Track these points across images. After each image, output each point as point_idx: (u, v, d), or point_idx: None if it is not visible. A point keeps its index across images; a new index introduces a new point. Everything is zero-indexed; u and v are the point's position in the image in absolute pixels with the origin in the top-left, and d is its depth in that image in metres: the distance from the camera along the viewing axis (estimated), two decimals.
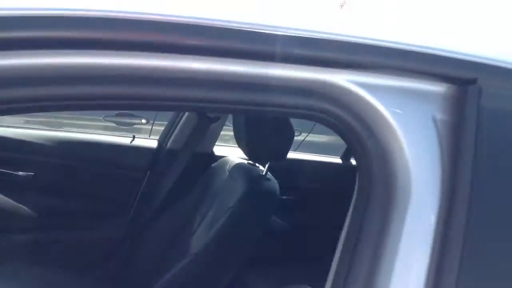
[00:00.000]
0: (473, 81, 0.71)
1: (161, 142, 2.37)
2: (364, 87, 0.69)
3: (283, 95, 0.69)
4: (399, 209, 0.67)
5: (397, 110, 0.70)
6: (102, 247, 2.28)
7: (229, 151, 2.40)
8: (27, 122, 2.98)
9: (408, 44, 0.71)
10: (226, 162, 2.18)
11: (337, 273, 0.68)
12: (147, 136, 2.70)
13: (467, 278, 0.63)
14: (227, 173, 2.09)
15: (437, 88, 0.72)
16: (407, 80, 0.71)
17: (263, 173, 1.96)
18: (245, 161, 2.10)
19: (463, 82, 0.72)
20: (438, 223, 0.66)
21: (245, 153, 1.99)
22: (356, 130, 0.69)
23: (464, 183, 0.67)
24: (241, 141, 2.00)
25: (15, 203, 2.22)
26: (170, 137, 2.33)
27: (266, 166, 1.97)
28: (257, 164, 2.05)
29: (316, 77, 0.68)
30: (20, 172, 2.25)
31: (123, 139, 2.37)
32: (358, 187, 0.72)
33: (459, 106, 0.70)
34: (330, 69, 0.68)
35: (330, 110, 0.69)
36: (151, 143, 2.39)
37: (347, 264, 0.67)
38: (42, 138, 2.31)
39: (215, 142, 2.40)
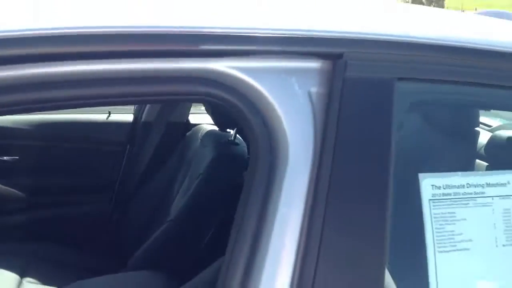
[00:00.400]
0: (339, 56, 0.79)
1: (136, 115, 2.45)
2: (244, 71, 0.78)
3: (176, 85, 0.77)
4: (280, 173, 0.76)
5: (276, 89, 0.78)
6: (91, 220, 2.40)
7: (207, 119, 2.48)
8: None
9: (279, 29, 0.79)
10: (198, 130, 2.27)
11: (234, 225, 0.78)
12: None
13: (330, 230, 0.73)
14: (199, 140, 2.19)
15: (311, 65, 0.80)
16: (283, 61, 0.79)
17: (232, 138, 2.05)
18: (217, 128, 2.18)
19: (331, 57, 0.80)
20: (309, 184, 0.75)
21: (213, 120, 2.09)
22: (242, 109, 0.78)
23: (328, 147, 0.76)
24: (208, 109, 2.10)
25: (3, 186, 2.33)
26: (144, 110, 2.41)
27: (234, 131, 2.05)
28: (228, 130, 2.14)
29: (203, 67, 0.77)
30: (5, 157, 2.36)
31: (100, 116, 2.46)
32: (250, 157, 0.81)
33: (329, 79, 0.79)
34: (214, 59, 0.77)
35: (217, 94, 0.78)
36: (127, 117, 2.48)
37: (240, 218, 0.77)
38: (22, 123, 2.40)
39: (189, 112, 2.48)
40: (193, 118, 2.50)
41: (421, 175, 0.80)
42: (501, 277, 0.82)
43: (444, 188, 0.80)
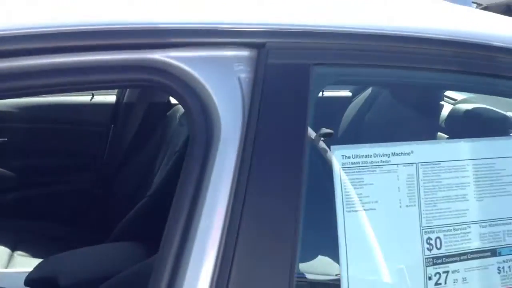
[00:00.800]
0: (263, 45, 0.92)
1: (119, 96, 2.57)
2: (182, 61, 0.90)
3: (124, 73, 0.90)
4: (213, 150, 0.89)
5: (210, 75, 0.91)
6: (79, 197, 2.54)
7: None
8: None
9: (212, 23, 0.91)
10: (178, 110, 2.38)
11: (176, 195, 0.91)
12: None
13: (252, 199, 0.87)
14: (177, 120, 2.31)
15: (240, 53, 0.92)
16: (216, 51, 0.92)
17: None
18: None
19: (256, 46, 0.92)
20: (237, 160, 0.88)
21: None
22: (181, 94, 0.91)
23: (252, 126, 0.88)
24: None
25: None
26: (125, 92, 2.53)
27: None
28: None
29: (147, 57, 0.90)
30: None
31: (84, 98, 2.58)
32: (189, 138, 0.94)
33: (255, 65, 0.91)
34: (156, 50, 0.90)
35: (159, 81, 0.91)
36: (110, 98, 2.59)
37: (178, 187, 0.90)
38: (9, 105, 2.51)
39: None
40: (173, 99, 2.62)
41: (333, 147, 0.93)
42: (404, 232, 0.96)
43: (353, 158, 0.93)
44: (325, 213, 0.94)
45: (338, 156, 0.92)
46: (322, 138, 0.91)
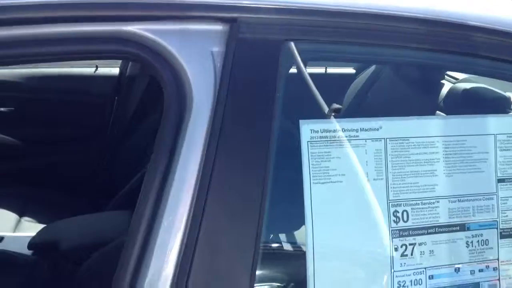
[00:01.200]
0: (235, 20, 0.94)
1: (122, 69, 2.60)
2: (156, 33, 0.93)
3: (102, 44, 0.94)
4: (185, 122, 0.92)
5: (183, 48, 0.93)
6: (82, 167, 2.60)
7: None
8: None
9: None
10: None
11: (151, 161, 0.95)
12: None
13: (220, 171, 0.90)
14: None
15: (212, 27, 0.95)
16: (189, 24, 0.94)
17: None
18: None
19: (228, 21, 0.94)
20: (207, 132, 0.91)
21: None
22: (155, 66, 0.94)
23: (222, 99, 0.91)
24: None
25: (1, 135, 2.53)
26: (128, 64, 2.56)
27: None
28: None
29: (122, 29, 0.93)
30: (1, 108, 2.55)
31: (88, 69, 2.62)
32: (164, 108, 0.97)
33: (226, 40, 0.93)
34: (131, 22, 0.93)
35: (135, 52, 0.94)
36: (114, 70, 2.63)
37: (152, 158, 0.94)
38: (17, 76, 2.57)
39: None
40: None
41: (301, 121, 0.95)
42: (371, 204, 0.98)
43: (322, 132, 0.95)
44: (293, 185, 0.96)
45: (306, 130, 0.94)
46: (332, 114, 0.94)
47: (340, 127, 0.96)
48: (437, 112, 2.19)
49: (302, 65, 0.93)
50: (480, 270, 1.04)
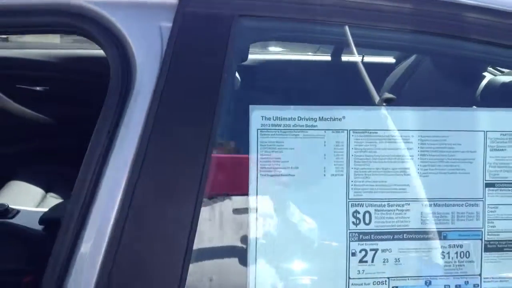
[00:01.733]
0: None
1: None
2: (100, 5, 0.88)
3: (44, 17, 0.90)
4: (128, 98, 0.87)
5: (129, 21, 0.88)
6: None
7: None
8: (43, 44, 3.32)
9: None
10: None
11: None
12: None
13: (155, 154, 0.84)
14: None
15: (161, 1, 0.88)
16: None
17: None
18: None
19: None
20: (147, 112, 0.85)
21: None
22: (100, 38, 0.89)
23: (163, 75, 0.84)
24: None
25: (35, 113, 2.60)
26: None
27: None
28: None
29: (68, 1, 0.88)
30: (37, 87, 2.62)
31: None
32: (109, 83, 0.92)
33: (174, 14, 0.86)
34: None
35: (80, 26, 0.90)
36: None
37: (93, 136, 0.90)
38: (54, 56, 2.63)
39: None
40: None
41: (251, 107, 0.86)
42: (326, 202, 0.88)
43: (274, 120, 0.86)
44: (237, 176, 0.88)
45: (257, 117, 0.86)
46: (384, 104, 0.86)
47: (296, 115, 0.87)
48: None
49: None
50: (457, 286, 0.92)
